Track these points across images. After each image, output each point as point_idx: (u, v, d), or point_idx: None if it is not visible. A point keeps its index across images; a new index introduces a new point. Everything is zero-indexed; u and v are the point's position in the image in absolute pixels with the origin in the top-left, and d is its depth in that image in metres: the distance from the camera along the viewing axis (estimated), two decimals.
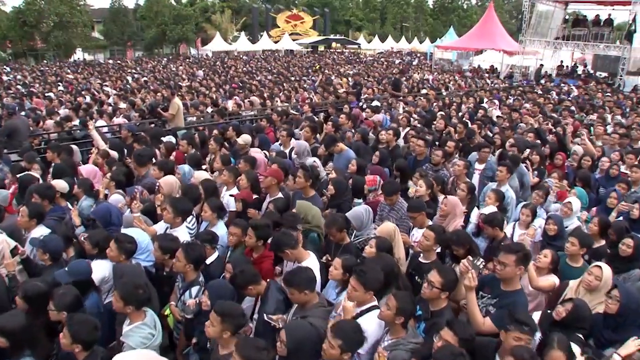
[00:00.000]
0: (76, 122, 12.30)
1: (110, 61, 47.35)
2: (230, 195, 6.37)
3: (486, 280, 4.42)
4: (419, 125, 10.86)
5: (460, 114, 13.50)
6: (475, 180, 8.13)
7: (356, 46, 64.71)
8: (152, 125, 12.19)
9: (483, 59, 40.30)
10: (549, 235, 6.00)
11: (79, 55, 57.28)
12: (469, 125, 10.70)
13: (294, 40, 60.20)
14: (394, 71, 31.49)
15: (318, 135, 9.84)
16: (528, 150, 8.87)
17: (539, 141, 10.02)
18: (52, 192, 5.88)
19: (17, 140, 9.83)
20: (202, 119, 13.16)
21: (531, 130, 10.87)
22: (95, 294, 4.43)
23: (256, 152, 8.13)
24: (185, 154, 8.43)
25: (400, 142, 9.73)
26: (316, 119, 12.00)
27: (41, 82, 24.64)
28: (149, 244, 5.08)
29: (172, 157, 8.17)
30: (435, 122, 11.58)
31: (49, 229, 5.44)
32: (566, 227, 6.19)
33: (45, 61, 48.52)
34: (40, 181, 6.99)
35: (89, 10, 55.68)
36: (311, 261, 4.70)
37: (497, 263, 4.21)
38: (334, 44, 64.33)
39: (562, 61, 33.77)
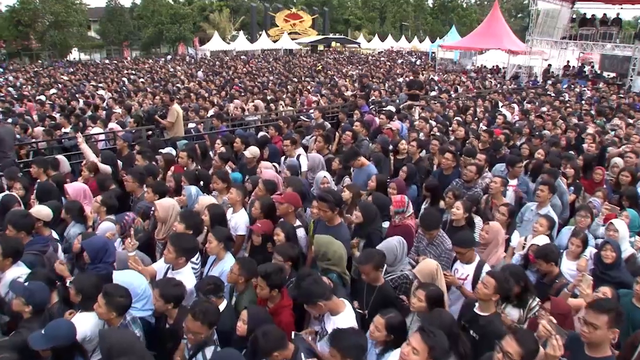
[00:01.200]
0: (68, 129, 11.48)
1: (107, 61, 46.51)
2: (248, 227, 5.56)
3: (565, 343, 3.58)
4: (439, 133, 10.00)
5: (476, 119, 12.70)
6: (509, 198, 7.31)
7: (356, 45, 64.07)
8: (150, 132, 11.34)
9: (486, 59, 39.55)
10: (604, 264, 5.16)
11: (75, 55, 56.46)
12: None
13: (293, 39, 59.57)
14: (397, 71, 30.63)
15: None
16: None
17: (571, 152, 9.22)
18: (30, 222, 5.01)
19: (1, 151, 8.95)
20: (202, 124, 12.30)
21: (553, 139, 10.13)
22: (81, 358, 3.58)
23: (266, 167, 7.28)
24: (185, 168, 7.60)
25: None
26: (327, 125, 11.19)
27: (34, 83, 23.72)
28: (147, 289, 4.24)
29: (170, 172, 7.33)
30: (453, 130, 10.77)
31: (28, 267, 4.61)
32: None
33: (40, 61, 47.65)
34: (21, 204, 6.15)
35: (85, 10, 54.68)
36: (348, 314, 3.89)
37: (583, 324, 3.40)
38: (333, 44, 63.56)
39: (568, 61, 33.00)
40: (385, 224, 5.85)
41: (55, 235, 5.59)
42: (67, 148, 10.72)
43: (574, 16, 33.10)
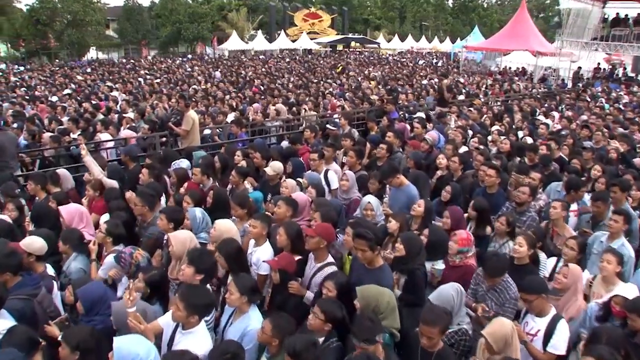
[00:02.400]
0: (77, 134, 10.74)
1: (124, 60, 46.15)
2: (264, 262, 4.68)
3: None
4: (479, 144, 9.05)
5: (513, 127, 11.72)
6: (571, 225, 6.37)
7: (376, 45, 63.03)
8: (164, 138, 10.54)
9: (510, 60, 38.33)
10: None
11: (92, 54, 56.28)
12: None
13: (311, 39, 58.82)
14: (421, 73, 29.61)
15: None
16: None
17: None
18: (16, 262, 4.15)
19: (2, 160, 8.21)
20: (220, 130, 11.48)
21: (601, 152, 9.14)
22: None
23: (292, 185, 6.41)
24: (201, 185, 6.77)
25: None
26: (356, 133, 10.29)
27: (47, 84, 23.12)
28: (151, 352, 3.39)
29: (182, 190, 6.50)
30: (493, 140, 9.82)
31: (14, 317, 3.82)
32: None
33: (57, 60, 47.49)
34: (13, 229, 5.36)
35: (103, 9, 54.44)
36: None
37: None
38: (353, 43, 62.62)
39: (599, 63, 31.71)
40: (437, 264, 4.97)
41: (50, 269, 4.79)
42: (75, 156, 10.01)
43: (606, 16, 31.75)
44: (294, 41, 57.70)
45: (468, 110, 12.54)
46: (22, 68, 36.53)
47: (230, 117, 12.37)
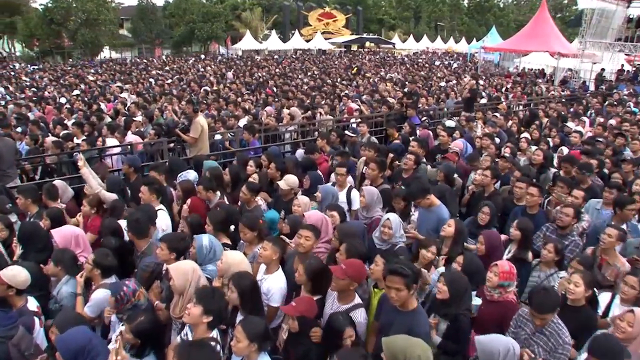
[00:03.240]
0: (81, 139, 10.17)
1: (138, 59, 45.88)
2: (281, 308, 4.05)
3: None
4: (511, 155, 8.32)
5: (542, 134, 10.98)
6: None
7: (390, 46, 62.33)
8: (172, 144, 9.96)
9: (528, 61, 37.38)
10: None
11: (106, 53, 56.12)
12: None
13: (326, 39, 58.43)
14: (438, 74, 28.81)
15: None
16: None
17: None
18: None
19: None
20: (232, 135, 10.86)
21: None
22: None
23: (304, 203, 5.76)
24: (207, 202, 6.15)
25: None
26: (375, 141, 9.61)
27: (57, 84, 22.66)
28: None
29: (186, 207, 5.87)
30: (521, 149, 9.09)
31: None
32: None
33: (70, 60, 47.38)
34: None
35: (117, 8, 54.22)
36: None
37: None
38: (367, 44, 61.92)
39: (622, 65, 30.70)
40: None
41: (33, 303, 4.20)
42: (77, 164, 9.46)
43: (631, 16, 30.73)
44: (308, 41, 57.39)
45: (493, 115, 11.77)
46: (34, 67, 36.28)
47: (243, 121, 11.77)
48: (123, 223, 5.28)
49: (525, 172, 7.33)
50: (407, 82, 22.32)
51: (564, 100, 18.89)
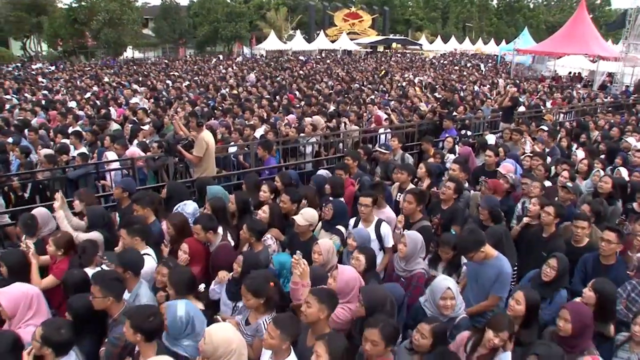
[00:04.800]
0: (79, 151, 9.12)
1: (158, 59, 45.28)
2: None
3: None
4: (569, 180, 6.96)
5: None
6: None
7: (417, 47, 60.78)
8: (177, 158, 8.78)
9: (562, 64, 35.51)
10: None
11: (129, 53, 55.75)
12: None
13: (351, 39, 57.29)
14: (471, 78, 27.25)
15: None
16: None
17: None
18: None
19: None
20: (248, 148, 9.64)
21: None
22: None
23: (326, 249, 4.55)
24: (208, 244, 4.97)
25: None
26: (410, 160, 8.33)
27: (70, 86, 21.73)
28: None
29: (184, 255, 4.68)
30: (579, 172, 7.72)
31: None
32: None
33: (93, 59, 47.03)
34: None
35: (141, 8, 53.76)
36: None
37: None
38: (394, 45, 60.45)
39: None
40: None
41: None
42: (75, 180, 8.40)
43: None
44: (333, 42, 56.44)
45: (539, 129, 10.29)
46: (52, 67, 35.75)
47: (260, 131, 10.59)
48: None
49: (596, 208, 5.94)
50: (437, 86, 20.97)
51: (609, 108, 17.32)
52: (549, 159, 8.38)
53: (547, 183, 6.94)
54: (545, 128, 10.08)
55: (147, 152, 9.06)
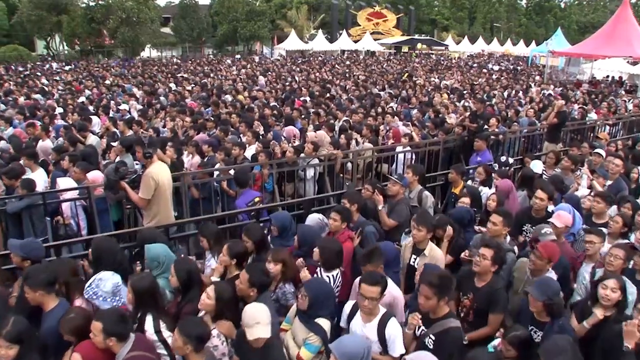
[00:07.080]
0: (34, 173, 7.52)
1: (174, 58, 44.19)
2: None
3: None
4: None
5: None
6: None
7: (443, 48, 58.63)
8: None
9: (598, 67, 32.93)
10: None
11: (147, 52, 54.81)
12: None
13: (375, 39, 55.50)
14: (503, 83, 25.03)
15: None
16: None
17: None
18: None
19: None
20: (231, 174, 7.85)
21: None
22: None
23: None
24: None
25: None
26: (431, 201, 6.48)
27: (65, 89, 20.14)
28: None
29: None
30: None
31: None
32: None
33: (110, 59, 46.14)
34: None
35: (158, 6, 52.72)
36: None
37: None
38: (419, 45, 58.34)
39: None
40: None
41: None
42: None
43: None
44: (356, 42, 54.71)
45: (594, 153, 8.23)
46: (67, 67, 34.64)
47: (251, 150, 8.85)
48: None
49: None
50: (465, 92, 18.89)
51: None
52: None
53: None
54: (602, 152, 8.09)
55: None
